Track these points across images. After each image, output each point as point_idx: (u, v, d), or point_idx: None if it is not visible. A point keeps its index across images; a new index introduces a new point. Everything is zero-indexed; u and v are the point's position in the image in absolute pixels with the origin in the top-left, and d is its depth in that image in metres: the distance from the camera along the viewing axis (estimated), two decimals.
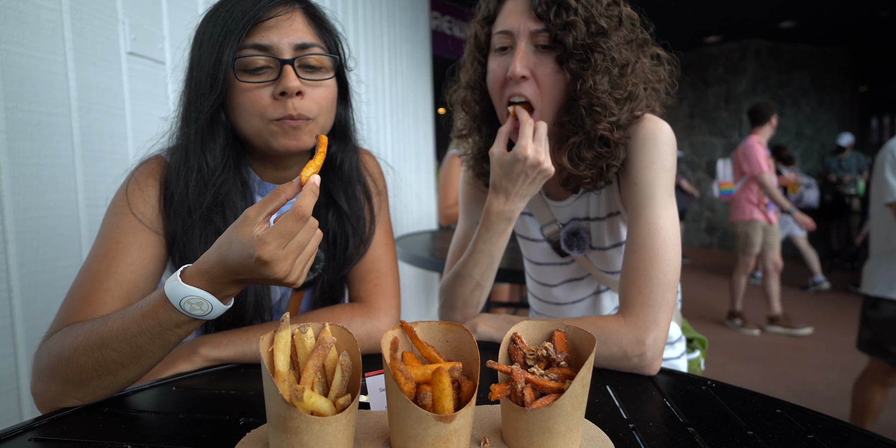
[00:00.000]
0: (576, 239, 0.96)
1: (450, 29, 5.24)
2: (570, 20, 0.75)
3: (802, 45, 7.65)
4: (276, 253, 0.55)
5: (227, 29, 0.70)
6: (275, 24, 0.72)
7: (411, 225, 3.65)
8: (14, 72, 0.95)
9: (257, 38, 0.71)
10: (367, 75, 2.80)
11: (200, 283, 0.58)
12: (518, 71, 0.78)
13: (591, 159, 0.82)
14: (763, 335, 3.92)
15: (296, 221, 0.55)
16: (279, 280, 0.58)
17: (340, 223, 0.87)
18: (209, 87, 0.72)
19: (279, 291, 0.89)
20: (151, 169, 0.78)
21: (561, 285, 1.05)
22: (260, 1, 0.71)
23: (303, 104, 0.72)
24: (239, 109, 0.73)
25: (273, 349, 0.48)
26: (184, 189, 0.75)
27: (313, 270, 0.86)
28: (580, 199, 0.95)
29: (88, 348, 0.60)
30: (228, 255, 0.56)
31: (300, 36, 0.73)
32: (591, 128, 0.80)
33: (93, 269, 0.70)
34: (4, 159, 0.94)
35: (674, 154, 0.84)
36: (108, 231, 0.73)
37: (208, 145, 0.75)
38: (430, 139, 4.26)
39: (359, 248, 0.89)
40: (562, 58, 0.78)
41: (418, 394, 0.46)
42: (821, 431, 0.56)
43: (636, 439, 0.54)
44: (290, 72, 0.71)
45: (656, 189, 0.81)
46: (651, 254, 0.77)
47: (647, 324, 0.73)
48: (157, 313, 0.59)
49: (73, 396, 0.62)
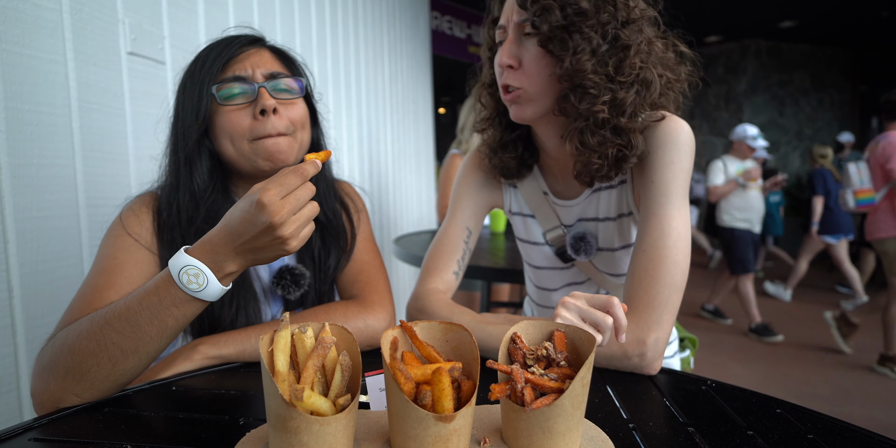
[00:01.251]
0: (583, 243, 0.94)
1: (450, 29, 5.25)
2: (545, 4, 0.76)
3: (802, 45, 7.65)
4: (275, 199, 0.58)
5: (206, 69, 0.80)
6: (246, 57, 0.82)
7: (411, 225, 3.64)
8: (14, 72, 0.95)
9: (233, 70, 0.81)
10: (367, 75, 2.80)
11: (201, 254, 0.62)
12: (504, 60, 0.80)
13: (596, 145, 0.80)
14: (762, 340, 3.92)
15: (296, 177, 0.60)
16: (275, 231, 0.60)
17: (322, 237, 0.93)
18: (194, 117, 0.80)
19: (269, 311, 0.91)
20: (144, 200, 0.84)
21: (561, 289, 1.04)
22: (232, 43, 0.82)
23: (280, 122, 0.80)
24: (222, 133, 0.81)
25: (273, 349, 0.48)
26: (175, 214, 0.81)
27: (299, 286, 0.88)
28: (590, 199, 0.93)
29: (91, 331, 0.62)
30: (231, 216, 0.61)
31: (269, 66, 0.83)
32: (586, 111, 0.78)
33: (92, 283, 0.74)
34: (4, 159, 0.94)
35: (692, 156, 0.83)
36: (106, 251, 0.78)
37: (196, 169, 0.82)
38: (430, 139, 4.26)
39: (341, 259, 0.94)
40: (543, 42, 0.78)
41: (418, 394, 0.46)
42: (821, 431, 0.56)
43: (636, 439, 0.54)
44: (265, 92, 0.79)
45: (672, 189, 0.80)
46: (661, 255, 0.76)
47: (650, 324, 0.73)
48: (158, 289, 0.62)
49: (73, 392, 0.62)
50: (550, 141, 0.89)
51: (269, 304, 0.91)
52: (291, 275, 0.87)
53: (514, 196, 1.02)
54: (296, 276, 0.88)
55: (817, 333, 3.90)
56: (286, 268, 0.88)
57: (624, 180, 0.89)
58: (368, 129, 2.80)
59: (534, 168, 0.99)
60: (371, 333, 0.85)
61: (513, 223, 1.07)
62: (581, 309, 0.64)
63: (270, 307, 0.91)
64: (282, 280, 0.87)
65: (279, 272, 0.88)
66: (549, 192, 0.98)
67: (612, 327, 0.63)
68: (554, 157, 0.93)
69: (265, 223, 0.59)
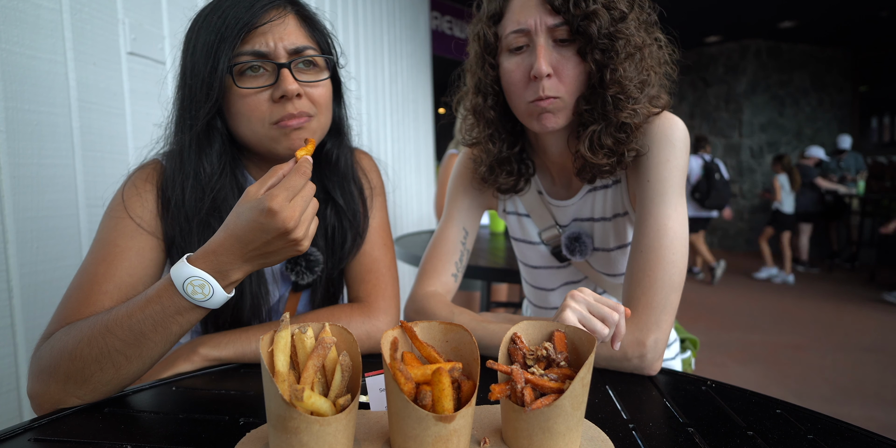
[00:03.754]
0: (577, 244, 0.93)
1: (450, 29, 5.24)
2: (592, 9, 0.72)
3: (802, 45, 7.65)
4: (285, 204, 0.57)
5: (221, 36, 0.70)
6: (269, 28, 0.72)
7: (411, 225, 3.64)
8: (14, 72, 0.95)
9: (253, 43, 0.71)
10: (367, 75, 2.80)
11: (206, 264, 0.60)
12: (544, 70, 0.74)
13: (612, 146, 0.79)
14: (763, 336, 3.92)
15: (300, 177, 0.59)
16: (289, 235, 0.59)
17: (338, 217, 0.88)
18: (205, 95, 0.72)
19: (277, 292, 0.89)
20: (148, 174, 0.78)
21: (558, 289, 1.03)
22: (253, 6, 0.71)
23: (302, 104, 0.73)
24: (238, 115, 0.74)
25: (273, 349, 0.48)
26: (180, 196, 0.75)
27: (312, 273, 0.86)
28: (585, 199, 0.92)
29: (92, 338, 0.61)
30: (237, 224, 0.59)
31: (294, 39, 0.73)
32: (614, 115, 0.77)
33: (91, 272, 0.70)
34: (4, 159, 0.94)
35: (687, 153, 0.81)
36: (105, 234, 0.73)
37: (204, 152, 0.75)
38: (430, 139, 4.25)
39: (355, 241, 0.90)
40: (584, 49, 0.75)
41: (418, 394, 0.46)
42: (821, 431, 0.56)
43: (636, 439, 0.54)
44: (288, 75, 0.71)
45: (669, 188, 0.78)
46: (658, 255, 0.75)
47: (649, 325, 0.73)
48: (161, 298, 0.60)
49: (74, 395, 0.62)
50: (556, 144, 0.87)
51: (277, 285, 0.88)
52: (307, 261, 0.85)
53: (509, 196, 1.01)
54: (310, 261, 0.85)
55: (817, 333, 3.90)
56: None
57: (618, 180, 0.88)
58: (368, 129, 2.80)
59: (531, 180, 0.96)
60: (373, 344, 0.82)
61: (507, 223, 1.05)
62: (590, 302, 0.63)
63: (279, 288, 0.89)
64: (296, 266, 0.85)
65: (294, 257, 0.84)
66: (545, 192, 0.97)
67: (615, 328, 0.63)
68: (552, 158, 0.91)
69: (279, 230, 0.58)
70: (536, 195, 0.97)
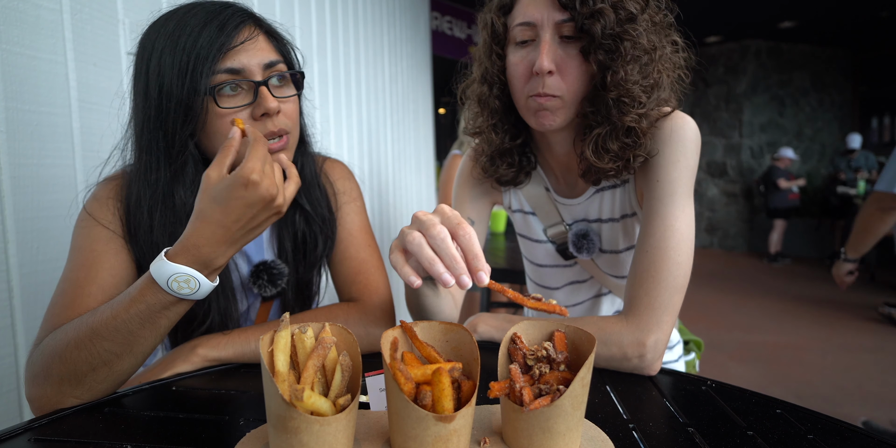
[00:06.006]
0: (585, 241, 0.91)
1: (450, 29, 5.24)
2: (598, 8, 0.70)
3: (802, 45, 7.65)
4: (262, 173, 0.59)
5: (197, 57, 0.68)
6: (242, 48, 0.72)
7: None
8: (14, 72, 0.95)
9: (227, 62, 0.70)
10: (368, 76, 2.80)
11: (188, 259, 0.60)
12: (546, 66, 0.73)
13: (617, 151, 0.77)
14: (763, 336, 3.92)
15: (262, 144, 0.62)
16: (273, 202, 0.61)
17: (307, 223, 0.90)
18: (183, 116, 0.70)
19: (245, 302, 0.89)
20: (109, 192, 0.77)
21: (563, 288, 1.03)
22: (225, 26, 0.70)
23: (280, 120, 0.75)
24: (216, 135, 0.73)
25: (273, 349, 0.48)
26: (148, 222, 0.74)
27: (276, 285, 0.86)
28: (593, 198, 0.91)
29: (80, 341, 0.61)
30: (214, 209, 0.59)
31: (266, 55, 0.74)
32: (618, 119, 0.75)
33: (72, 278, 0.70)
34: (4, 159, 0.94)
35: (698, 153, 0.80)
36: (80, 243, 0.74)
37: (178, 178, 0.74)
38: (430, 139, 4.25)
39: (326, 243, 0.92)
40: (587, 48, 0.73)
41: (418, 394, 0.46)
42: (821, 431, 0.56)
43: (636, 439, 0.54)
44: (267, 93, 0.72)
45: (678, 188, 0.77)
46: (663, 256, 0.74)
47: (650, 326, 0.72)
48: (144, 297, 0.60)
49: (71, 395, 0.62)
50: (561, 144, 0.87)
51: (245, 296, 0.89)
52: (269, 274, 0.86)
53: (514, 193, 1.00)
54: (273, 275, 0.86)
55: (817, 333, 3.90)
56: (263, 265, 0.85)
57: (626, 180, 0.87)
58: (368, 129, 2.80)
59: (531, 173, 0.95)
60: (372, 341, 0.83)
61: (513, 220, 1.05)
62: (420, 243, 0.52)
63: (247, 299, 0.89)
64: (258, 279, 0.85)
65: (256, 269, 0.85)
66: (552, 189, 0.95)
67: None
68: (557, 157, 0.90)
69: (264, 198, 0.59)
70: (543, 192, 0.96)
